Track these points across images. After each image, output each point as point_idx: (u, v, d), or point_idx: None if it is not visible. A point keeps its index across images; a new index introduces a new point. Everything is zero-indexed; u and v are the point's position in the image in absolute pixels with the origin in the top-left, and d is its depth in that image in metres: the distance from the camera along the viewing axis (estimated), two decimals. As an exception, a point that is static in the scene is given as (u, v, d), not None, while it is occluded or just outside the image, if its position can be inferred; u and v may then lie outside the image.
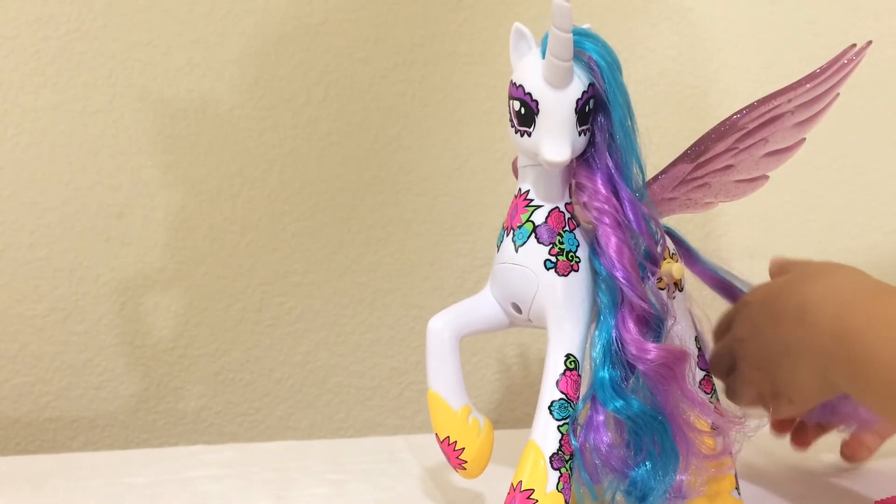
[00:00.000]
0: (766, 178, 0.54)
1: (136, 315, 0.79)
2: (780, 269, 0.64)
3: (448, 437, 0.52)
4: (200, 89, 0.78)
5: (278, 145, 0.80)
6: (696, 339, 0.56)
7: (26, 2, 0.74)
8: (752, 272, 0.65)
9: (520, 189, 0.50)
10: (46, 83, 0.75)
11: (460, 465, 0.52)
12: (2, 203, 0.76)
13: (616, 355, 0.49)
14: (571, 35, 0.45)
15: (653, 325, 0.49)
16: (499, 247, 0.51)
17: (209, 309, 0.81)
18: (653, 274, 0.49)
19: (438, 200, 0.84)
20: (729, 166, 0.53)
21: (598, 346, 0.49)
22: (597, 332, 0.49)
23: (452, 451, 0.52)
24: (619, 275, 0.47)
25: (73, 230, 0.77)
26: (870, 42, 0.52)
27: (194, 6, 0.77)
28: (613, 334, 0.49)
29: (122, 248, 0.78)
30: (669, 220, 0.57)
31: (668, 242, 0.55)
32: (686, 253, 0.61)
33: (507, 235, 0.50)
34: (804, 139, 0.53)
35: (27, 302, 0.77)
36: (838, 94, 0.52)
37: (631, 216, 0.48)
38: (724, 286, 0.64)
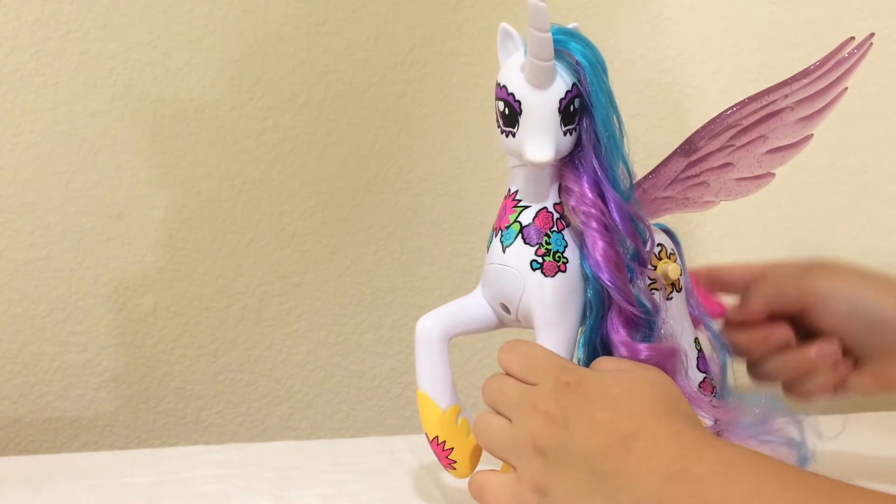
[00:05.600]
0: (771, 175, 0.53)
1: (136, 315, 0.79)
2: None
3: (437, 436, 0.52)
4: (200, 89, 0.78)
5: (278, 145, 0.80)
6: (696, 340, 0.56)
7: (26, 2, 0.74)
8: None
9: (509, 189, 0.50)
10: (46, 83, 0.75)
11: (450, 464, 0.52)
12: (2, 203, 0.76)
13: (603, 356, 0.49)
14: (550, 35, 0.44)
15: (642, 326, 0.49)
16: (488, 247, 0.51)
17: (209, 309, 0.81)
18: (641, 275, 0.49)
19: (438, 200, 0.84)
20: (727, 164, 0.52)
21: (585, 348, 0.49)
22: (584, 334, 0.50)
23: (441, 451, 0.52)
24: (605, 277, 0.47)
25: (73, 230, 0.77)
26: (872, 34, 0.51)
27: (194, 6, 0.77)
28: (602, 335, 0.49)
29: (122, 248, 0.78)
30: (669, 220, 0.57)
31: (667, 242, 0.55)
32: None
33: (496, 236, 0.50)
34: (811, 135, 0.52)
35: (27, 302, 0.77)
36: (846, 88, 0.52)
37: (617, 219, 0.48)
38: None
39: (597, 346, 0.49)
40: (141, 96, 0.77)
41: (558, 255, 0.49)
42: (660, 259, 0.54)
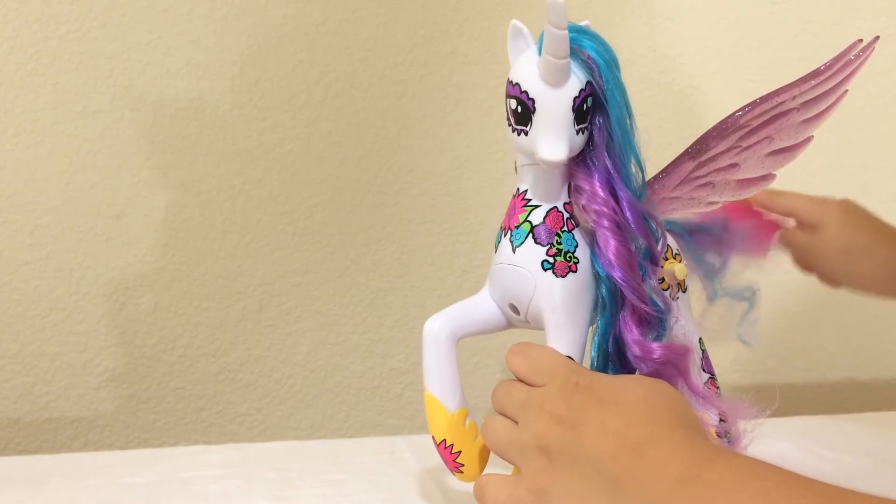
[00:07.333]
0: (772, 176, 0.53)
1: (136, 315, 0.79)
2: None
3: (444, 440, 0.51)
4: (200, 89, 0.78)
5: (278, 145, 0.80)
6: (701, 340, 0.56)
7: (26, 2, 0.74)
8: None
9: (518, 188, 0.50)
10: (46, 83, 0.75)
11: (457, 468, 0.52)
12: (2, 203, 0.76)
13: (615, 356, 0.49)
14: (567, 32, 0.44)
15: (655, 325, 0.48)
16: (497, 247, 0.51)
17: (209, 309, 0.81)
18: (653, 273, 0.49)
19: (438, 200, 0.84)
20: (733, 165, 0.52)
21: (599, 348, 0.49)
22: (597, 334, 0.49)
23: (449, 455, 0.51)
24: (618, 276, 0.47)
25: (73, 230, 0.77)
26: (877, 37, 0.51)
27: (194, 6, 0.77)
28: (615, 334, 0.48)
29: (122, 248, 0.78)
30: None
31: (672, 242, 0.55)
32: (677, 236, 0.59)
33: (505, 236, 0.50)
34: (812, 137, 0.52)
35: (27, 302, 0.77)
36: (847, 90, 0.51)
37: (630, 217, 0.47)
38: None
39: (609, 346, 0.49)
40: (141, 96, 0.77)
41: (569, 255, 0.48)
42: (666, 259, 0.54)
